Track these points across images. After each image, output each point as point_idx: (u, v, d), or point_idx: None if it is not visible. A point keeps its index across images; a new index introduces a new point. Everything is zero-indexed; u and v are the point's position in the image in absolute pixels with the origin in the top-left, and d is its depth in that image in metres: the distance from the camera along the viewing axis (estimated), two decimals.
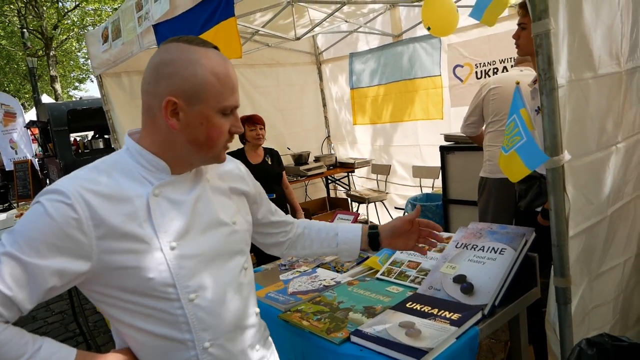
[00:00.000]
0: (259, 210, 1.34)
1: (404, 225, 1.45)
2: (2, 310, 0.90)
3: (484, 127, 3.24)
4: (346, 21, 4.97)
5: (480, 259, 1.61)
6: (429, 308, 1.47)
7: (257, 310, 1.22)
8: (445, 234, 1.90)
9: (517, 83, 1.47)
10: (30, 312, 4.50)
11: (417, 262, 1.82)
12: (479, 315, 1.41)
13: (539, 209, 1.99)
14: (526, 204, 2.01)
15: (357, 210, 5.62)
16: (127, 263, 0.97)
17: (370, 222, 5.37)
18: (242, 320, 1.14)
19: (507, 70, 4.03)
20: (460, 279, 1.57)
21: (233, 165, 1.26)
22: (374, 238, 1.46)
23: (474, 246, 1.67)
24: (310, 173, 5.27)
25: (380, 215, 5.55)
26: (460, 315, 1.40)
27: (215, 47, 1.05)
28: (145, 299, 1.00)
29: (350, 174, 5.94)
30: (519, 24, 2.20)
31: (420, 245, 1.48)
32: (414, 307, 1.49)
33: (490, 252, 1.61)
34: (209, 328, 1.05)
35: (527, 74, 2.92)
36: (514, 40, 2.29)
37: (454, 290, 1.55)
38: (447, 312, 1.42)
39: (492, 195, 3.11)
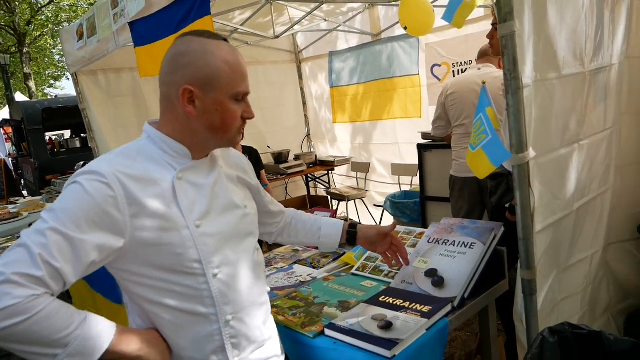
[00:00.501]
0: (259, 202, 1.43)
1: (378, 236, 1.59)
2: (50, 282, 0.93)
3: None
4: (325, 20, 5.00)
5: (451, 253, 1.66)
6: (401, 301, 1.51)
7: (268, 289, 1.32)
8: (419, 230, 1.95)
9: (484, 83, 1.52)
10: None
11: None
12: (448, 308, 1.46)
13: (508, 205, 2.06)
14: (496, 201, 2.07)
15: (337, 208, 5.67)
16: (158, 240, 1.05)
17: (351, 220, 5.41)
18: (257, 296, 1.23)
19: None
20: (431, 273, 1.62)
21: (238, 158, 1.37)
22: (352, 236, 1.60)
23: (445, 241, 1.72)
24: (290, 171, 5.29)
25: (360, 213, 5.60)
26: (430, 307, 1.45)
27: (225, 40, 1.14)
28: (173, 275, 1.07)
29: (330, 172, 5.98)
30: (492, 24, 2.26)
31: (388, 254, 1.61)
32: (387, 301, 1.53)
33: (461, 246, 1.67)
34: (230, 302, 1.14)
35: (485, 73, 2.99)
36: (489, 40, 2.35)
37: (426, 284, 1.59)
38: (418, 305, 1.47)
39: (461, 193, 3.20)
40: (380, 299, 1.56)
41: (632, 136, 2.33)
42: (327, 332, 1.42)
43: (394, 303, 1.51)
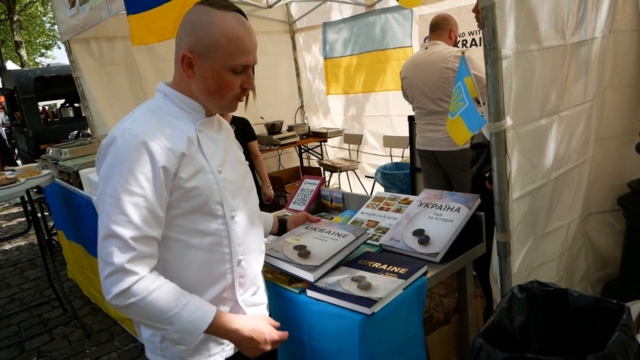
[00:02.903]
0: None
1: (302, 221, 1.81)
2: (147, 249, 1.09)
3: None
4: None
5: (438, 216, 1.77)
6: (379, 264, 1.59)
7: (266, 240, 1.46)
8: (402, 196, 2.03)
9: (463, 53, 1.57)
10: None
11: (376, 221, 1.95)
12: (424, 269, 1.54)
13: (487, 175, 2.13)
14: (476, 170, 2.15)
15: (329, 179, 5.74)
16: (192, 183, 1.15)
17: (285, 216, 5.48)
18: (260, 244, 1.37)
19: (475, 43, 4.13)
20: (418, 233, 1.72)
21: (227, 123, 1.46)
22: (282, 225, 1.77)
23: (434, 205, 1.83)
24: (283, 142, 5.33)
25: (352, 184, 5.68)
26: (407, 269, 1.52)
27: (238, 11, 1.18)
28: (198, 215, 1.18)
29: (323, 143, 6.02)
30: None
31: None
32: (365, 263, 1.61)
33: (447, 210, 1.77)
34: (242, 244, 1.26)
35: (433, 52, 2.99)
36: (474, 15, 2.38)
37: (412, 242, 1.70)
38: (395, 267, 1.54)
39: (424, 165, 3.34)
40: (359, 262, 1.63)
41: (615, 109, 2.39)
42: (309, 292, 1.49)
43: (372, 265, 1.58)
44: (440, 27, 3.05)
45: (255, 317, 1.26)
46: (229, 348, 1.27)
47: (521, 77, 1.65)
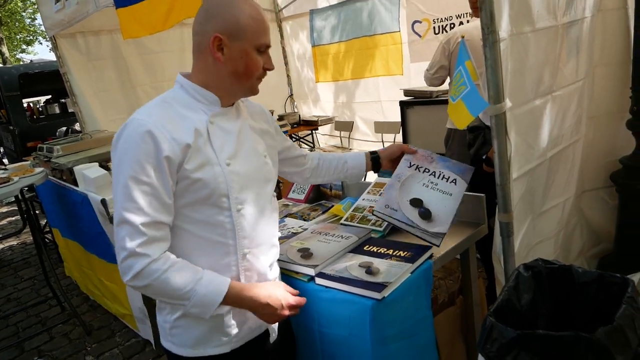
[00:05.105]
0: (280, 144, 1.56)
1: (398, 152, 1.74)
2: (158, 233, 1.14)
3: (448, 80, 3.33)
4: None
5: (434, 185, 1.66)
6: (385, 249, 1.61)
7: (279, 234, 1.47)
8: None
9: (462, 37, 1.58)
10: None
11: None
12: (429, 252, 1.56)
13: (484, 157, 2.16)
14: (473, 152, 2.17)
15: None
16: (197, 175, 1.18)
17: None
18: (270, 238, 1.38)
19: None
20: (416, 203, 1.62)
21: (259, 108, 1.50)
22: (376, 161, 1.75)
23: (427, 169, 1.70)
24: None
25: None
26: (412, 253, 1.54)
27: None
28: (204, 207, 1.21)
29: (314, 131, 6.02)
30: None
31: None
32: (371, 250, 1.63)
33: (442, 179, 1.67)
34: (247, 237, 1.27)
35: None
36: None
37: (412, 213, 1.59)
38: (400, 252, 1.56)
39: (457, 146, 3.25)
40: (365, 248, 1.65)
41: (605, 87, 2.42)
42: (318, 280, 1.50)
43: (378, 251, 1.60)
44: None
45: (269, 284, 1.30)
46: (236, 339, 1.30)
47: (516, 59, 1.66)
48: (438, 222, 1.58)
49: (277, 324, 1.38)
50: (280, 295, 1.28)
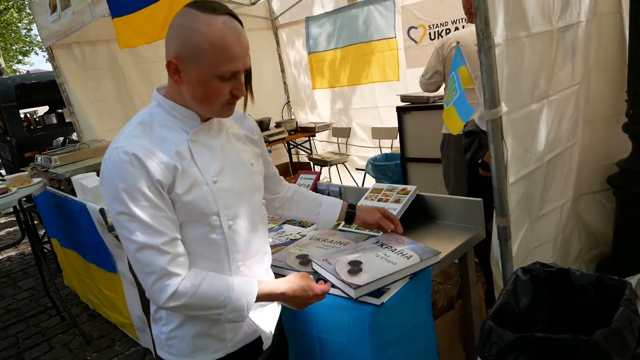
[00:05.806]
0: (265, 172, 1.48)
1: (375, 225, 1.67)
2: (178, 250, 1.13)
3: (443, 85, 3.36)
4: None
5: (386, 257, 1.54)
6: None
7: (270, 240, 1.47)
8: (401, 186, 2.05)
9: (457, 43, 1.59)
10: None
11: None
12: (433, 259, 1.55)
13: (480, 162, 2.17)
14: (469, 157, 2.18)
15: (320, 172, 5.74)
16: (187, 198, 1.15)
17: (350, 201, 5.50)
18: (263, 245, 1.37)
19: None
20: (355, 264, 1.51)
21: (240, 115, 1.39)
22: (350, 217, 1.68)
23: (389, 247, 1.60)
24: (272, 139, 5.33)
25: (342, 177, 5.71)
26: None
27: (229, 13, 1.12)
28: (195, 225, 1.19)
29: (311, 138, 6.03)
30: None
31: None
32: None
33: (399, 254, 1.54)
34: (241, 250, 1.26)
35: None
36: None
37: (342, 269, 1.48)
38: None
39: (453, 151, 3.27)
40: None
41: (601, 91, 2.44)
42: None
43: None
44: None
45: (293, 278, 1.31)
46: (230, 345, 1.30)
47: (511, 64, 1.68)
48: (361, 277, 1.43)
49: (272, 331, 1.38)
50: (305, 286, 1.29)
